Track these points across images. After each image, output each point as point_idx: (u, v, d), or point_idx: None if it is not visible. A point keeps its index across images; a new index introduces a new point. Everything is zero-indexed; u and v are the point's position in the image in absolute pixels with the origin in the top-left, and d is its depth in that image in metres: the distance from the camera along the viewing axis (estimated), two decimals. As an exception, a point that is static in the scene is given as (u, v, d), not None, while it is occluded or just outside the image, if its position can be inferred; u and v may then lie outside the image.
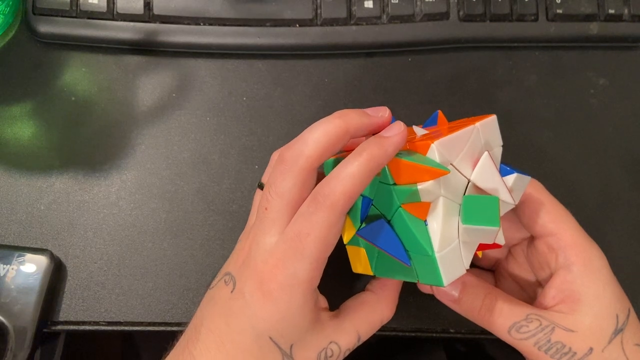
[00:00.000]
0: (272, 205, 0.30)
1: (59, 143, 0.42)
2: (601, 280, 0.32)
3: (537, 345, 0.31)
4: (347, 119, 0.30)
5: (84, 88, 0.43)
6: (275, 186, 0.30)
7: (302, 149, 0.29)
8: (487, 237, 0.29)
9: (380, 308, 0.33)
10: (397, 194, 0.29)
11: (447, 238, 0.29)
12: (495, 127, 0.32)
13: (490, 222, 0.29)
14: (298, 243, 0.28)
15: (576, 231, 0.33)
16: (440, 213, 0.29)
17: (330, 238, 0.29)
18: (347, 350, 0.31)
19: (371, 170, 0.28)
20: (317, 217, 0.28)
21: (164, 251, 0.40)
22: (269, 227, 0.30)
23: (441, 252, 0.29)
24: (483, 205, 0.29)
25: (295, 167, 0.29)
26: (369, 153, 0.28)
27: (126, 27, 0.43)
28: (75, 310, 0.39)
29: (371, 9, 0.43)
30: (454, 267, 0.30)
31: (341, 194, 0.28)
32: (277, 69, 0.44)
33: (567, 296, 0.32)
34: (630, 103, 0.45)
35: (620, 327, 0.31)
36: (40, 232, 0.40)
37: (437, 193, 0.29)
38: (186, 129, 0.43)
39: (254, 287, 0.29)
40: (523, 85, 0.45)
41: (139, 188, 0.41)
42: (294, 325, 0.29)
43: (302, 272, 0.28)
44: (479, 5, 0.44)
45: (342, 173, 0.28)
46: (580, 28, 0.44)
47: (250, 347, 0.30)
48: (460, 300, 0.33)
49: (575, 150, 0.44)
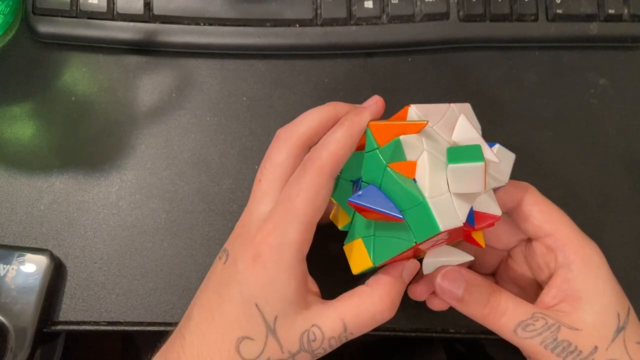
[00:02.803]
0: (266, 177, 0.32)
1: (59, 143, 0.42)
2: (601, 277, 0.32)
3: (543, 344, 0.31)
4: (336, 105, 0.34)
5: (84, 88, 0.43)
6: (269, 159, 0.33)
7: (295, 127, 0.33)
8: (476, 180, 0.29)
9: (372, 301, 0.31)
10: (382, 154, 0.31)
11: (437, 188, 0.30)
12: (472, 113, 0.34)
13: (474, 158, 0.29)
14: (288, 203, 0.30)
15: (573, 230, 0.33)
16: (426, 165, 0.30)
17: (319, 200, 0.30)
18: (331, 338, 0.31)
19: (352, 134, 0.31)
20: (306, 179, 0.30)
21: (164, 251, 0.40)
22: (261, 196, 0.32)
23: (433, 197, 0.29)
24: (466, 149, 0.30)
25: (288, 142, 0.32)
26: (349, 120, 0.32)
27: (126, 27, 0.43)
28: (75, 310, 0.39)
29: (371, 9, 0.43)
30: (449, 215, 0.29)
31: (327, 157, 0.30)
32: (277, 69, 0.44)
33: (568, 295, 0.32)
34: (630, 103, 0.45)
35: (622, 325, 0.31)
36: (40, 232, 0.40)
37: (421, 147, 0.30)
38: (186, 129, 0.43)
39: (246, 253, 0.30)
40: (523, 85, 0.45)
41: (139, 188, 0.41)
42: (280, 290, 0.30)
43: (292, 233, 0.30)
44: (479, 5, 0.44)
45: (327, 139, 0.31)
46: (580, 28, 0.44)
47: (237, 316, 0.30)
48: (464, 299, 0.32)
49: (575, 150, 0.44)
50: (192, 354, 0.30)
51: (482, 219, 0.32)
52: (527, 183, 0.35)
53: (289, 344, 0.30)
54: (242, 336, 0.30)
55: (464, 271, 0.33)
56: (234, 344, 0.30)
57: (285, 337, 0.30)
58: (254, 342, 0.30)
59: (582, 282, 0.32)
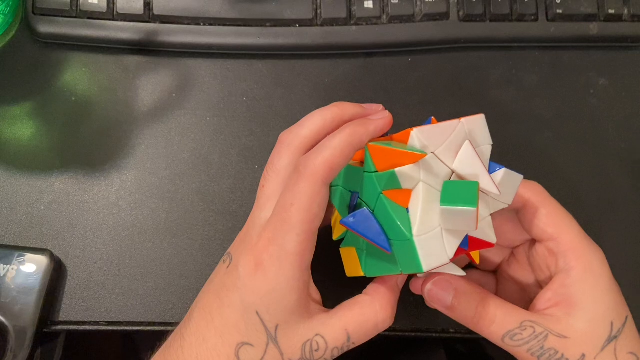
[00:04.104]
0: (269, 182, 0.32)
1: (59, 143, 0.42)
2: (600, 286, 0.32)
3: (530, 351, 0.31)
4: (342, 107, 0.32)
5: (84, 88, 0.43)
6: (272, 164, 0.32)
7: (298, 131, 0.32)
8: (467, 222, 0.29)
9: (374, 310, 0.32)
10: (378, 180, 0.30)
11: (427, 223, 0.29)
12: (484, 125, 0.32)
13: (467, 202, 0.28)
14: (283, 213, 0.29)
15: (577, 235, 0.33)
16: (420, 198, 0.29)
17: (314, 208, 0.29)
18: (334, 348, 0.31)
19: (351, 145, 0.29)
20: (299, 187, 0.29)
21: (164, 251, 0.40)
22: (264, 203, 0.32)
23: (420, 235, 0.29)
24: (461, 188, 0.29)
25: (291, 146, 0.32)
26: (352, 129, 0.30)
27: (126, 27, 0.43)
28: (75, 310, 0.39)
29: (371, 9, 0.43)
30: (435, 253, 0.29)
31: (321, 164, 0.29)
32: (277, 69, 0.44)
33: (563, 300, 0.32)
34: (630, 103, 0.45)
35: (614, 334, 0.31)
36: (40, 232, 0.40)
37: (417, 178, 0.29)
38: (186, 129, 0.43)
39: (248, 260, 0.30)
40: (523, 85, 0.45)
41: (139, 188, 0.41)
42: (281, 301, 0.29)
43: (290, 244, 0.29)
44: (479, 5, 0.44)
45: (323, 145, 0.30)
46: (580, 28, 0.44)
47: (237, 322, 0.30)
48: (453, 307, 0.33)
49: (575, 150, 0.44)
50: (190, 355, 0.30)
51: (475, 245, 0.31)
52: (536, 182, 0.34)
53: (290, 353, 0.30)
54: (242, 342, 0.30)
55: (453, 279, 0.33)
56: (234, 349, 0.30)
57: (287, 345, 0.30)
58: (254, 348, 0.30)
59: (579, 289, 0.32)
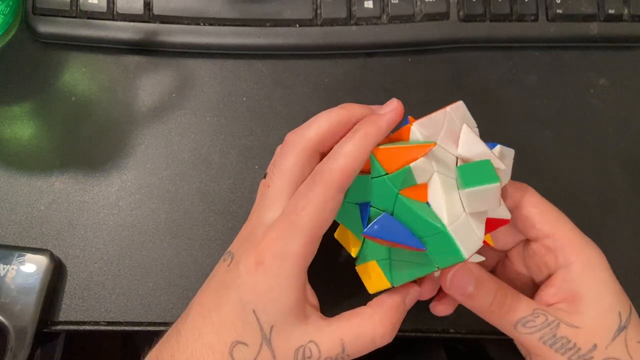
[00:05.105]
0: (274, 183, 0.32)
1: (59, 143, 0.42)
2: (601, 278, 0.32)
3: (542, 339, 0.31)
4: (349, 108, 0.32)
5: (84, 88, 0.43)
6: (277, 165, 0.32)
7: (304, 132, 0.32)
8: (491, 200, 0.29)
9: (373, 323, 0.31)
10: (392, 181, 0.30)
11: (453, 212, 0.29)
12: (465, 110, 0.33)
13: (489, 179, 0.29)
14: (294, 216, 0.29)
15: (572, 231, 0.33)
16: (439, 188, 0.29)
17: (325, 214, 0.29)
18: (327, 357, 0.30)
19: (366, 147, 0.30)
20: (313, 193, 0.29)
21: (164, 251, 0.40)
22: (270, 203, 0.31)
23: (452, 224, 0.29)
24: (477, 168, 0.29)
25: (297, 147, 0.31)
26: (363, 131, 0.30)
27: (126, 27, 0.43)
28: (75, 310, 0.39)
29: (371, 9, 0.43)
30: (470, 239, 0.29)
31: (337, 170, 0.29)
32: (277, 69, 0.44)
33: (568, 295, 0.32)
34: (630, 103, 0.45)
35: (623, 324, 0.31)
36: (40, 232, 0.40)
37: (431, 169, 0.29)
38: (186, 129, 0.43)
39: (249, 258, 0.30)
40: (523, 85, 0.45)
41: (139, 188, 0.41)
42: (278, 301, 0.29)
43: (295, 245, 0.29)
44: (479, 5, 0.44)
45: (338, 151, 0.30)
46: (580, 28, 0.44)
47: (234, 320, 0.30)
48: (472, 295, 0.32)
49: (575, 150, 0.44)
50: (185, 351, 0.30)
51: (492, 224, 0.32)
52: (526, 184, 0.35)
53: (282, 356, 0.30)
54: (237, 340, 0.30)
55: (474, 267, 0.33)
56: (228, 347, 0.30)
57: (280, 348, 0.30)
58: (248, 348, 0.30)
59: (582, 283, 0.32)
